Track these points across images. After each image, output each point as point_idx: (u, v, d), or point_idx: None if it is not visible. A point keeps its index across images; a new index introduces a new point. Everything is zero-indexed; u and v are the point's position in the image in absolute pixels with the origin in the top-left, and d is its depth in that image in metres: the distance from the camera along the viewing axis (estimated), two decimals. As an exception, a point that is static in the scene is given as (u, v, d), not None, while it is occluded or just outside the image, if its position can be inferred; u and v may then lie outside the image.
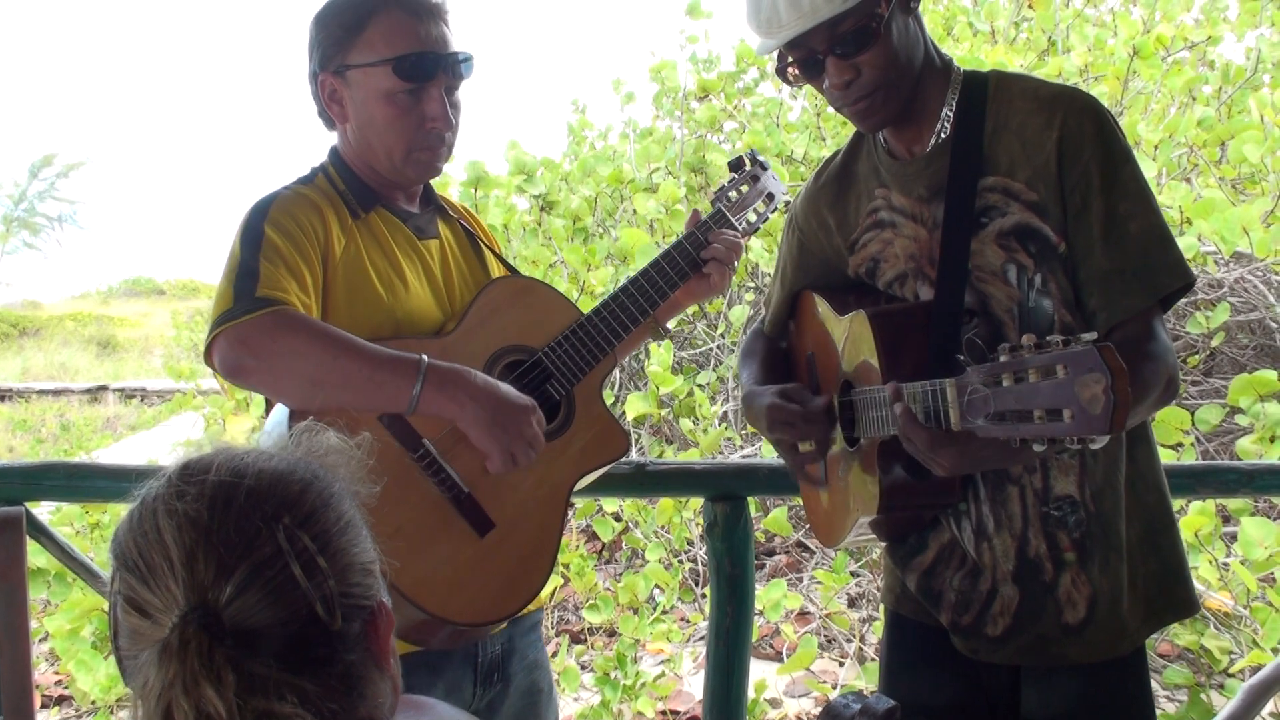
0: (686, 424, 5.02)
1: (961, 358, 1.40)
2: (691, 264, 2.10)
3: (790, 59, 1.70)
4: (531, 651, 2.03)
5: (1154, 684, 2.57)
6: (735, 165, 2.29)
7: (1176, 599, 1.74)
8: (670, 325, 2.15)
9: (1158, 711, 2.66)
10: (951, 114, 1.71)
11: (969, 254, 1.67)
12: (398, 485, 1.73)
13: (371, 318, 1.82)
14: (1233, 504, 3.85)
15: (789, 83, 1.75)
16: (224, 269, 1.78)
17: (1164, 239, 1.62)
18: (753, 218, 2.26)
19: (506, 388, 1.79)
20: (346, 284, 1.82)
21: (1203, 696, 3.45)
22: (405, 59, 1.82)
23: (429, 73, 1.84)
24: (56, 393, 15.81)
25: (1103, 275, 1.60)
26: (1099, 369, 1.13)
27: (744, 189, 2.25)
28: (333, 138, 1.97)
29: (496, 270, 2.09)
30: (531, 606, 2.03)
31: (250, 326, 1.67)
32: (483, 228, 2.16)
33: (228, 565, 0.95)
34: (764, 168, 2.28)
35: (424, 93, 1.85)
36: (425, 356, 1.73)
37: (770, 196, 2.28)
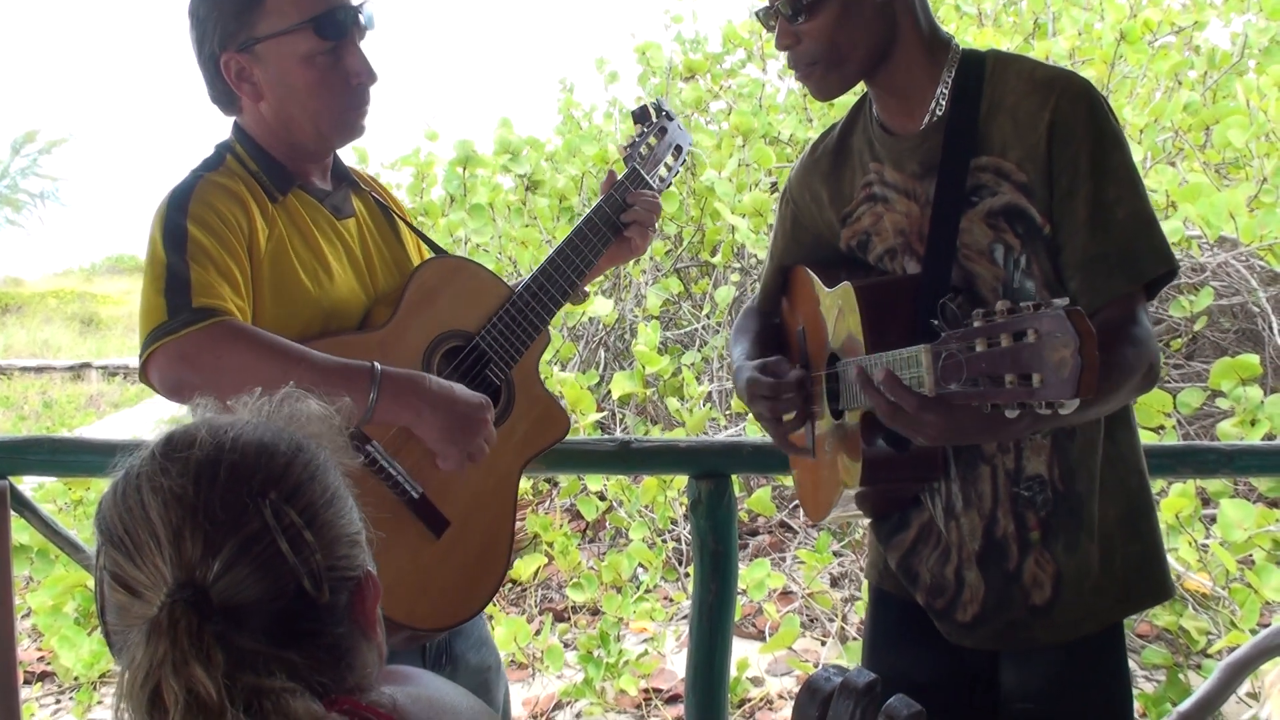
0: (673, 403, 5.03)
1: (936, 323, 1.39)
2: (612, 228, 2.05)
3: (760, 12, 1.72)
4: (475, 629, 2.00)
5: (1132, 664, 2.59)
6: (640, 116, 2.19)
7: (1154, 583, 1.75)
8: (587, 288, 2.12)
9: (1136, 692, 2.69)
10: (947, 91, 1.71)
11: (958, 232, 1.66)
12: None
13: (300, 312, 1.74)
14: (1212, 486, 3.88)
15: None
16: (148, 272, 1.66)
17: (1150, 225, 1.62)
18: (664, 173, 2.18)
19: (461, 389, 1.73)
20: (273, 278, 1.74)
21: (1181, 677, 3.49)
22: (324, 17, 1.74)
23: (348, 27, 1.77)
24: (39, 370, 15.70)
25: (1086, 259, 1.60)
26: (1067, 332, 1.14)
27: (653, 142, 2.18)
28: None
29: (411, 242, 2.03)
30: None
31: (191, 341, 1.58)
32: (392, 197, 2.09)
33: (215, 542, 0.94)
34: (670, 118, 2.20)
35: (342, 49, 1.77)
36: (378, 364, 1.65)
37: (678, 149, 2.20)
